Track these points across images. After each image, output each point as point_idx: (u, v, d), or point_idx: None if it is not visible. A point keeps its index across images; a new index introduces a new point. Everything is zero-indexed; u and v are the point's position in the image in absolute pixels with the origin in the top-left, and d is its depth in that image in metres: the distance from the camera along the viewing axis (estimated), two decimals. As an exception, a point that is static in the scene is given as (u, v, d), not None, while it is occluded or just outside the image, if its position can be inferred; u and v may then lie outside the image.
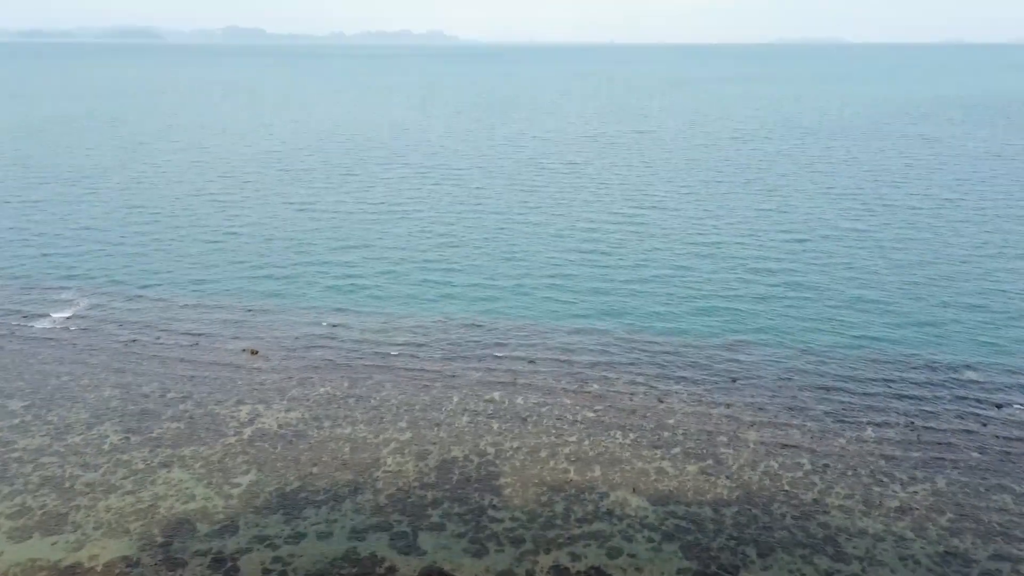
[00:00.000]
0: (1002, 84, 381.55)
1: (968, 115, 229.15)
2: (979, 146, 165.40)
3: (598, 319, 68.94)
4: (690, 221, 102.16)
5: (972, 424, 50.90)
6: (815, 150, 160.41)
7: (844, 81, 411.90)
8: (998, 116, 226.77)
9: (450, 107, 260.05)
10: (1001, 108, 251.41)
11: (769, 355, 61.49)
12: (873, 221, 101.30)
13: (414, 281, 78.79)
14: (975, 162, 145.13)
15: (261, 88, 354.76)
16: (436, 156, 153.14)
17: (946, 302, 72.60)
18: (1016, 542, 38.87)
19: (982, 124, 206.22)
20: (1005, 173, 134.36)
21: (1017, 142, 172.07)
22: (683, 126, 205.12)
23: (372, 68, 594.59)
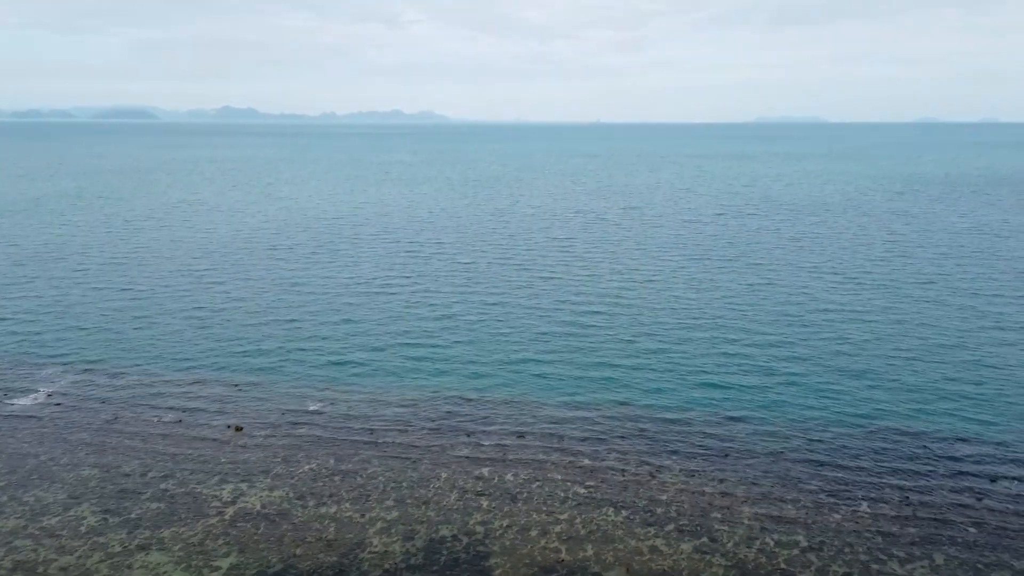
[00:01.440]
0: (975, 161, 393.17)
1: (945, 191, 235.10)
2: (958, 221, 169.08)
3: (588, 394, 68.46)
4: (679, 297, 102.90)
5: (967, 498, 50.23)
6: (799, 226, 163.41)
7: (823, 159, 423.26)
8: (974, 192, 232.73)
9: (438, 184, 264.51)
10: (976, 185, 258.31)
11: (761, 429, 60.99)
12: (859, 296, 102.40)
13: (402, 357, 78.34)
14: (956, 237, 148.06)
15: (251, 166, 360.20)
16: (424, 232, 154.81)
17: (934, 376, 72.74)
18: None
19: (959, 200, 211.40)
20: (986, 248, 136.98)
21: (995, 217, 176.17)
22: (669, 202, 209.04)
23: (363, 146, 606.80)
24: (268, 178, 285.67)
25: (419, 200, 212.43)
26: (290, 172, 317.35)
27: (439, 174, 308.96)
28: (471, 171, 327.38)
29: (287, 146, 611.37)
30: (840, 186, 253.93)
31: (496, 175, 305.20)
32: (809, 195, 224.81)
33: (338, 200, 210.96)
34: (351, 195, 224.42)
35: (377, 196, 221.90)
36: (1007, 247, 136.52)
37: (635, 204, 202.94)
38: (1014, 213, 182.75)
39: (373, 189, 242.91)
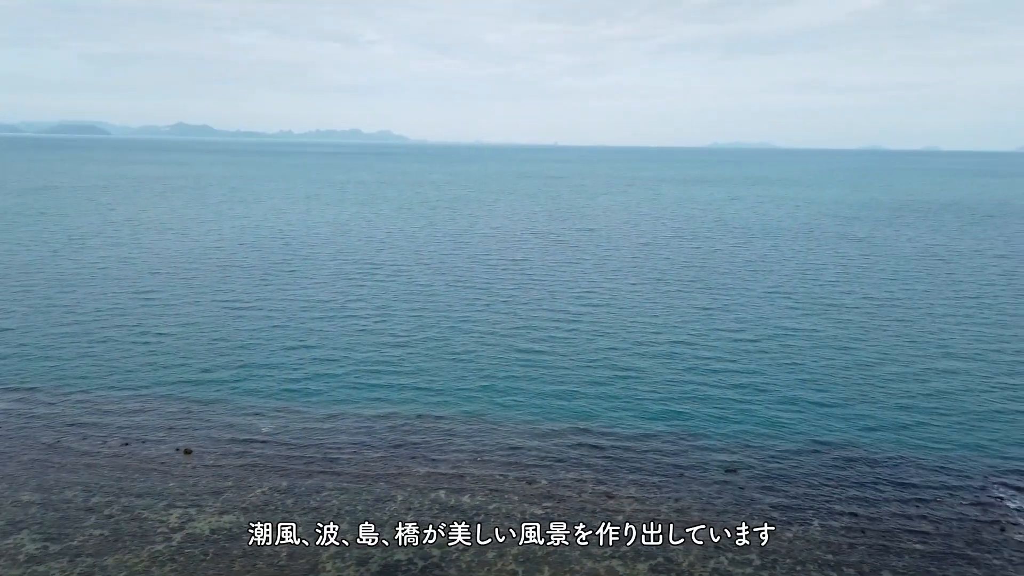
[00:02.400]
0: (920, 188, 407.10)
1: (891, 216, 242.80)
2: (905, 246, 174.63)
3: (546, 415, 68.51)
4: (635, 320, 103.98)
5: (913, 514, 51.48)
6: (752, 250, 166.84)
7: (774, 184, 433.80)
8: (919, 218, 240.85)
9: (396, 204, 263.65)
10: (921, 210, 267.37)
11: (715, 449, 61.73)
12: (811, 319, 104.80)
13: (358, 379, 77.44)
14: (903, 262, 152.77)
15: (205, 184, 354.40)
16: (382, 253, 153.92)
17: (882, 397, 74.68)
18: None
19: (906, 225, 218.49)
20: (932, 272, 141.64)
21: (940, 242, 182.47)
22: (626, 225, 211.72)
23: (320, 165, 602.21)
24: (222, 196, 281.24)
25: (377, 220, 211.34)
26: (245, 190, 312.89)
27: (397, 194, 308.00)
28: (430, 192, 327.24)
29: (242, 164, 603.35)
30: (791, 210, 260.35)
31: (455, 196, 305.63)
32: (762, 219, 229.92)
33: (294, 219, 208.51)
34: (307, 214, 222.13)
35: (334, 216, 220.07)
36: (952, 272, 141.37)
37: (592, 226, 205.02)
38: (957, 238, 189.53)
39: (330, 209, 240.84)
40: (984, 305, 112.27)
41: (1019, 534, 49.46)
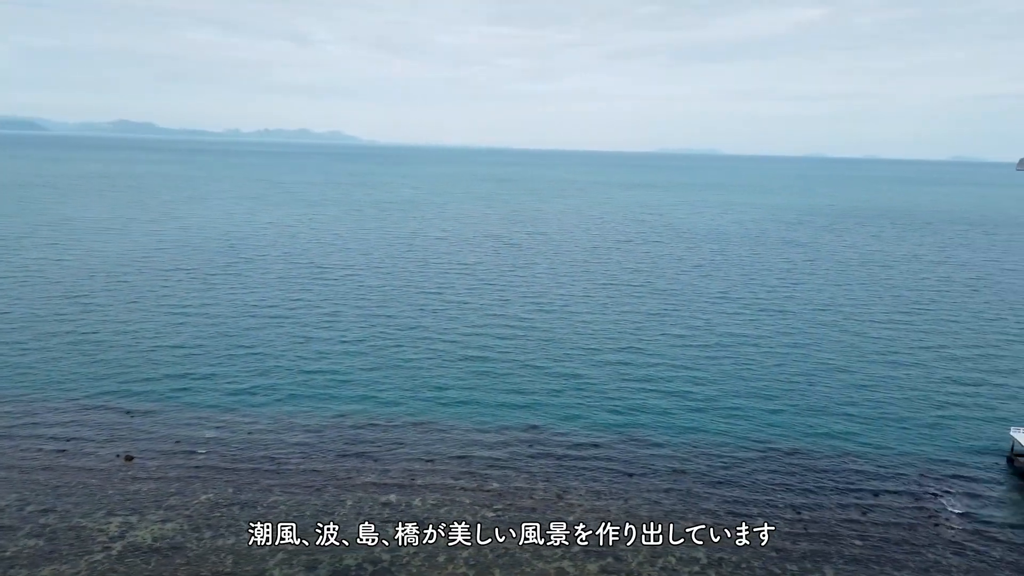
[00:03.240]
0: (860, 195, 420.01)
1: (833, 222, 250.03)
2: (846, 251, 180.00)
3: (498, 418, 68.58)
4: (587, 323, 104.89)
5: (854, 513, 53.09)
6: (700, 254, 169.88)
7: (722, 189, 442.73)
8: (858, 224, 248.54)
9: (347, 205, 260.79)
10: (861, 217, 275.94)
11: (663, 450, 62.64)
12: (757, 322, 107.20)
13: (306, 384, 76.30)
14: (844, 266, 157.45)
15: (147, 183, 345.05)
16: (332, 255, 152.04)
17: (824, 398, 76.85)
18: None
19: (846, 231, 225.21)
20: (872, 277, 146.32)
21: (879, 247, 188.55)
22: (577, 228, 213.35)
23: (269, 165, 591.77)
24: (165, 196, 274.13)
25: (326, 222, 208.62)
26: (189, 190, 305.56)
27: (347, 196, 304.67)
28: (381, 193, 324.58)
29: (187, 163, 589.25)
30: (738, 216, 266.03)
31: (407, 198, 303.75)
32: (710, 224, 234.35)
33: (240, 220, 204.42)
34: (254, 215, 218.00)
35: (282, 217, 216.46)
36: (891, 277, 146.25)
37: (545, 230, 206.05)
38: (894, 244, 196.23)
39: (277, 210, 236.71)
40: (921, 311, 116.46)
41: (951, 529, 51.46)
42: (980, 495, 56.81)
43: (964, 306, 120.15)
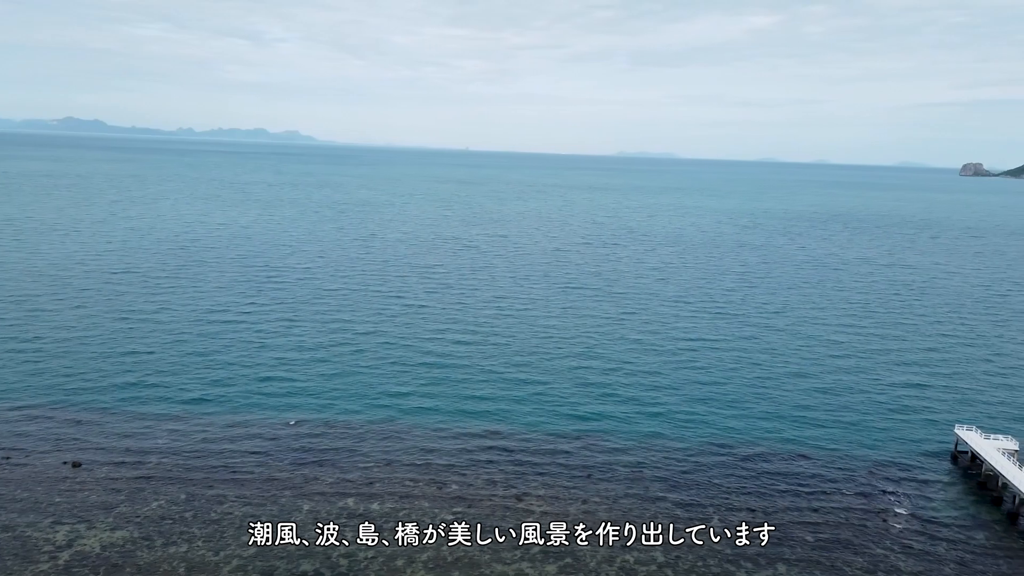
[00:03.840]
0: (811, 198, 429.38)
1: (785, 225, 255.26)
2: (798, 254, 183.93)
3: (456, 420, 68.38)
4: (546, 326, 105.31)
5: (807, 512, 54.25)
6: (658, 256, 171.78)
7: (678, 193, 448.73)
8: (810, 226, 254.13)
9: (304, 206, 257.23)
10: (812, 220, 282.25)
11: (621, 450, 63.19)
12: (712, 325, 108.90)
13: (262, 387, 75.06)
14: (797, 269, 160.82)
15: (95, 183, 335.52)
16: (289, 257, 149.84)
17: (778, 399, 78.42)
18: None
19: (799, 234, 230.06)
20: (823, 279, 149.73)
21: (829, 250, 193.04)
22: (537, 231, 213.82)
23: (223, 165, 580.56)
24: (114, 196, 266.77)
25: (283, 224, 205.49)
26: (140, 190, 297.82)
27: (305, 196, 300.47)
28: (338, 194, 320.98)
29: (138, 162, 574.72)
30: (695, 219, 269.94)
31: (364, 199, 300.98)
32: (667, 227, 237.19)
33: (193, 222, 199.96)
34: (207, 216, 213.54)
35: (236, 218, 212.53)
36: (841, 279, 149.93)
37: (504, 232, 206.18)
38: (844, 247, 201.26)
39: (232, 211, 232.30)
40: (871, 314, 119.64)
41: (899, 523, 52.96)
42: (927, 492, 58.58)
43: (911, 309, 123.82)
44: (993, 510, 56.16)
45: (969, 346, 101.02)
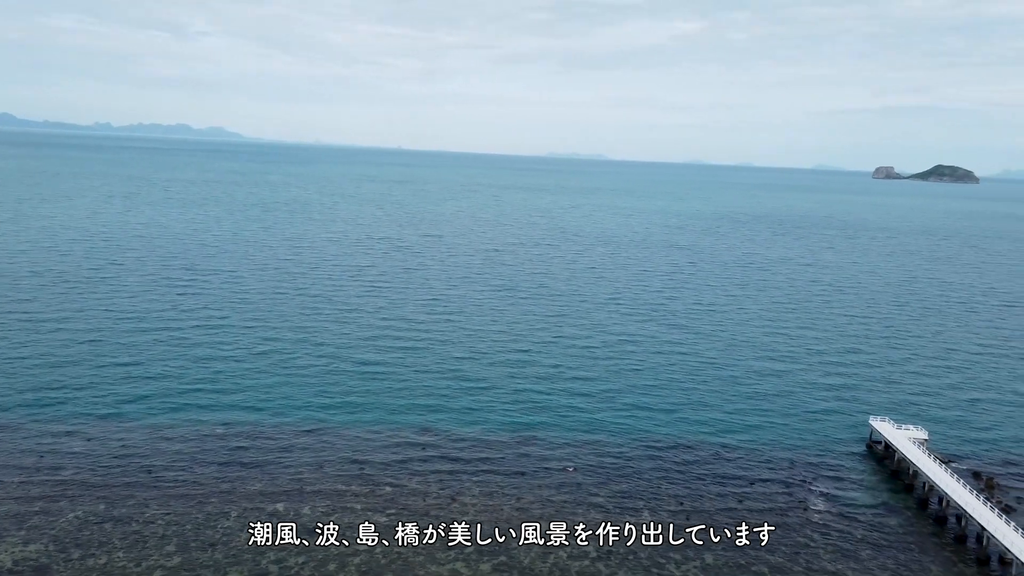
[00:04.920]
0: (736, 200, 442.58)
1: (712, 226, 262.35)
2: (725, 253, 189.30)
3: (389, 423, 67.73)
4: (481, 327, 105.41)
5: (731, 501, 56.00)
6: (591, 257, 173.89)
7: (609, 194, 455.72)
8: (735, 226, 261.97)
9: (229, 205, 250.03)
10: (737, 220, 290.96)
11: (554, 449, 63.81)
12: (643, 326, 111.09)
13: (186, 393, 72.61)
14: (724, 268, 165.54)
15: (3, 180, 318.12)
16: (214, 258, 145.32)
17: (705, 394, 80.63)
18: None
19: (725, 235, 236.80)
20: (749, 279, 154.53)
21: (755, 250, 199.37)
22: (470, 231, 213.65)
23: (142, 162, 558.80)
24: (23, 193, 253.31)
25: (207, 223, 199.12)
26: (51, 187, 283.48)
27: (230, 195, 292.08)
28: (266, 193, 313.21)
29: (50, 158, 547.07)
30: (625, 219, 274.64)
31: (293, 198, 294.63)
32: (599, 228, 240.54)
33: (110, 221, 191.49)
34: (126, 215, 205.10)
35: (157, 217, 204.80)
36: (765, 278, 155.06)
37: (437, 232, 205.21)
38: (768, 247, 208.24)
39: (153, 209, 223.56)
40: (792, 310, 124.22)
41: (818, 512, 55.22)
42: (844, 480, 61.25)
43: (830, 307, 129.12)
44: (905, 497, 59.16)
45: (884, 341, 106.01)
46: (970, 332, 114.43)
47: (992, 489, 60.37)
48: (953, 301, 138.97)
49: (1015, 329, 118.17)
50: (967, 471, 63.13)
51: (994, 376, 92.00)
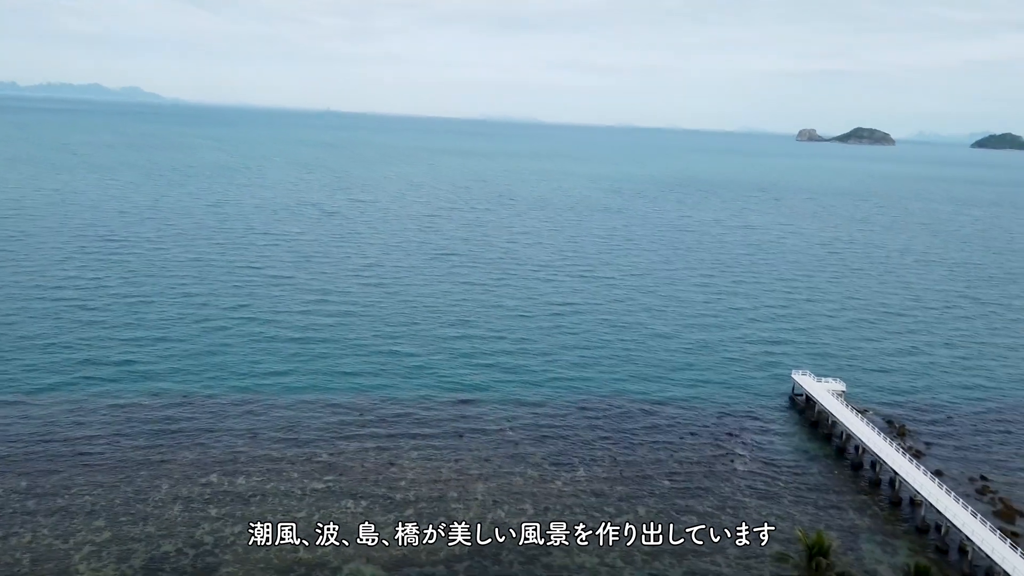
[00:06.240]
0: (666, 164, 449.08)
1: (644, 189, 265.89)
2: (657, 218, 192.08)
3: (323, 389, 67.08)
4: (414, 294, 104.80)
5: (663, 456, 57.91)
6: (526, 222, 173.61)
7: (544, 157, 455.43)
8: (665, 190, 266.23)
9: (147, 170, 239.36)
10: (667, 184, 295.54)
11: (491, 412, 64.48)
12: (577, 288, 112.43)
13: (107, 364, 70.13)
14: (657, 231, 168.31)
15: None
16: (132, 228, 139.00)
17: (637, 356, 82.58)
18: (703, 555, 44.53)
19: (656, 198, 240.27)
20: (679, 241, 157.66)
21: (684, 214, 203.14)
22: (405, 198, 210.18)
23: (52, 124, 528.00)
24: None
25: (124, 189, 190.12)
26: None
27: (148, 159, 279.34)
28: (188, 157, 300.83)
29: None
30: (559, 183, 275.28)
31: (217, 162, 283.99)
32: (534, 192, 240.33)
33: (17, 188, 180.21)
34: (36, 182, 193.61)
35: (70, 183, 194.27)
36: (697, 240, 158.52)
37: (371, 198, 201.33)
38: (699, 209, 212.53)
39: (65, 175, 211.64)
40: (722, 272, 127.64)
41: (743, 464, 57.64)
42: (768, 431, 64.01)
43: (757, 266, 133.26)
44: (825, 445, 62.30)
45: (807, 299, 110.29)
46: (887, 289, 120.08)
47: (904, 436, 64.17)
48: (872, 260, 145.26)
49: (928, 286, 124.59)
50: (881, 419, 66.82)
51: (908, 330, 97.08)
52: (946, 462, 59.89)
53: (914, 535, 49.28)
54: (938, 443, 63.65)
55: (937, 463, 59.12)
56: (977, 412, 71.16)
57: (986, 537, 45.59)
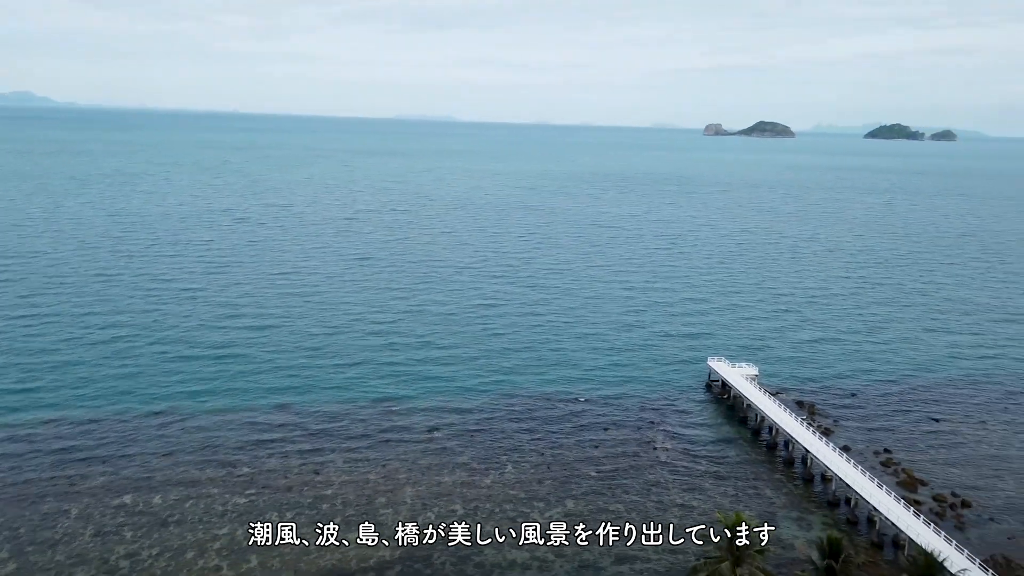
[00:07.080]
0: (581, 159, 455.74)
1: (563, 185, 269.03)
2: (576, 215, 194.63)
3: (243, 403, 65.15)
4: (336, 301, 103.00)
5: (588, 448, 58.94)
6: (447, 222, 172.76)
7: (462, 156, 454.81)
8: (582, 185, 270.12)
9: (40, 180, 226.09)
10: (584, 179, 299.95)
11: (416, 416, 64.09)
12: (501, 288, 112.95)
13: (5, 386, 66.20)
14: (579, 229, 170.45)
15: None
16: (26, 241, 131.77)
17: (558, 352, 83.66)
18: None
19: (576, 195, 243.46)
20: (600, 237, 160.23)
21: (604, 209, 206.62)
22: (322, 201, 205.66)
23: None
24: None
25: (17, 200, 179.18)
26: None
27: (42, 167, 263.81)
28: (87, 164, 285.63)
29: None
30: (477, 182, 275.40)
31: (118, 169, 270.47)
32: (453, 191, 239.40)
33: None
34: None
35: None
36: (614, 236, 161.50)
37: (287, 202, 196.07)
38: (615, 205, 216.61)
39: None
40: (638, 266, 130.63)
41: (665, 450, 59.32)
42: (687, 418, 66.03)
43: (673, 258, 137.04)
44: (741, 428, 64.74)
45: (721, 289, 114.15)
46: (795, 276, 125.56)
47: (814, 415, 67.36)
48: (780, 249, 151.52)
49: (833, 272, 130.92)
50: (792, 401, 69.94)
51: (816, 315, 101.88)
52: (853, 438, 63.19)
53: (826, 509, 51.82)
54: (845, 421, 67.10)
55: (844, 439, 62.33)
56: (880, 391, 75.33)
57: (891, 507, 48.39)
